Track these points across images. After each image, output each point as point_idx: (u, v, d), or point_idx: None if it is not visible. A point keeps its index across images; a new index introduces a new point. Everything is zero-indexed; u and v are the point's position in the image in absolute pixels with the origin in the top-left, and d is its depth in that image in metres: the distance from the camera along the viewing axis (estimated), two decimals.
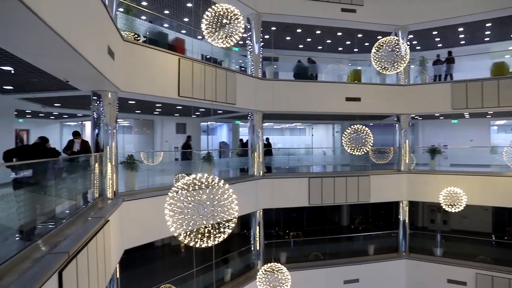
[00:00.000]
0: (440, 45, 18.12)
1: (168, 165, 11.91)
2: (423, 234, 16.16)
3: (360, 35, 16.42)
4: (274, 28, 15.50)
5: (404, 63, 7.25)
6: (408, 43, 12.88)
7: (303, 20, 14.05)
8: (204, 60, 10.54)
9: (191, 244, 4.37)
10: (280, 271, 8.21)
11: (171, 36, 10.96)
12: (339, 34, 16.45)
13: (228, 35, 5.71)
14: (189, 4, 12.39)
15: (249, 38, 12.89)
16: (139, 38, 9.13)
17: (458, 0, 13.57)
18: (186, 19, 13.46)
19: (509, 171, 12.83)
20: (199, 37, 11.49)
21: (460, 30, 16.08)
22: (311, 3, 13.16)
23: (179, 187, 4.29)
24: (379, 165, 14.30)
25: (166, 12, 12.98)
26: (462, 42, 17.86)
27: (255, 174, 12.79)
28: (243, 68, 13.66)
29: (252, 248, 13.00)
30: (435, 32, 16.37)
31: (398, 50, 7.12)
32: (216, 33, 5.68)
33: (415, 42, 17.70)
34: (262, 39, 13.33)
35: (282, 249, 13.83)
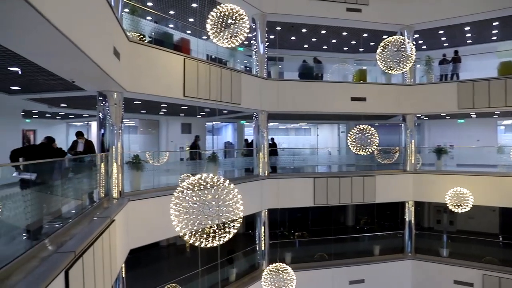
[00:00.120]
0: (446, 44, 17.99)
1: (174, 165, 11.94)
2: (429, 235, 16.05)
3: (365, 35, 16.36)
4: (279, 28, 15.49)
5: (410, 62, 7.20)
6: (414, 42, 12.82)
7: (308, 20, 14.02)
8: (209, 60, 10.56)
9: (196, 244, 4.37)
10: (285, 271, 8.20)
11: (176, 36, 10.98)
12: (344, 33, 16.40)
13: (233, 35, 5.70)
14: (194, 5, 12.41)
15: (254, 38, 12.88)
16: (144, 39, 9.16)
17: None
18: (191, 20, 13.49)
19: None
20: (204, 37, 11.52)
21: (466, 29, 15.95)
22: (316, 3, 13.13)
23: (184, 187, 4.29)
24: (384, 165, 14.24)
25: (171, 12, 13.01)
26: (469, 41, 17.71)
27: (260, 174, 12.79)
28: (248, 68, 13.66)
29: (257, 248, 13.00)
30: (441, 31, 16.25)
31: (403, 49, 7.08)
32: (221, 33, 5.68)
33: (421, 42, 17.60)
34: (267, 39, 13.32)
35: (287, 249, 13.81)
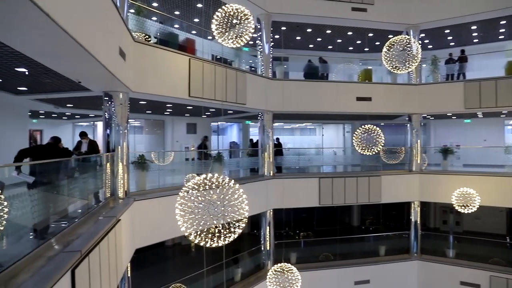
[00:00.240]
0: (452, 43, 17.87)
1: (179, 165, 11.97)
2: (435, 235, 15.95)
3: (370, 34, 16.29)
4: (284, 28, 15.48)
5: (416, 62, 7.16)
6: (419, 41, 12.72)
7: (313, 20, 13.98)
8: (215, 61, 10.58)
9: (201, 243, 4.38)
10: (290, 272, 8.19)
11: (181, 36, 11.01)
12: (350, 33, 16.34)
13: (238, 35, 5.70)
14: (199, 5, 12.44)
15: (259, 38, 12.88)
16: (149, 39, 9.19)
17: None
18: (197, 20, 13.52)
19: None
20: (209, 37, 11.54)
21: (473, 28, 15.82)
22: (321, 2, 13.10)
23: (189, 187, 4.30)
24: (390, 165, 14.15)
25: (177, 13, 13.06)
26: (476, 41, 17.56)
27: (266, 174, 12.79)
28: (253, 68, 13.66)
29: (262, 248, 13.00)
30: (447, 31, 16.14)
31: (409, 49, 7.04)
32: (226, 33, 5.68)
33: (427, 41, 17.49)
34: (272, 39, 13.31)
35: (292, 249, 13.78)
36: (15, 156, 6.11)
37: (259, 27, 12.73)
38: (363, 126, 8.73)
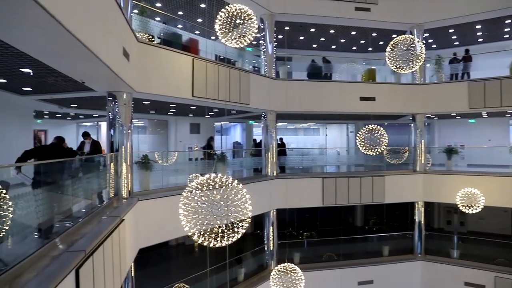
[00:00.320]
0: (457, 43, 17.77)
1: (182, 165, 11.99)
2: (439, 236, 15.87)
3: (374, 34, 16.24)
4: (287, 28, 15.46)
5: (420, 62, 7.13)
6: (423, 41, 12.69)
7: (316, 20, 13.95)
8: (218, 61, 10.58)
9: (205, 243, 4.38)
10: (294, 272, 8.19)
11: (185, 37, 11.03)
12: (353, 33, 16.30)
13: (242, 36, 5.71)
14: (202, 5, 12.45)
15: (262, 38, 12.88)
16: (153, 39, 9.21)
17: None
18: (200, 20, 13.54)
19: None
20: (213, 37, 11.54)
21: (477, 27, 15.74)
22: (325, 2, 13.07)
23: (193, 187, 4.31)
24: (394, 165, 14.10)
25: (180, 13, 13.08)
26: (480, 40, 17.46)
27: (269, 174, 12.78)
28: (256, 68, 13.66)
29: (266, 248, 13.00)
30: (451, 30, 16.06)
31: (413, 48, 7.02)
32: (230, 33, 5.69)
33: (431, 41, 17.40)
34: (275, 39, 13.31)
35: (295, 249, 13.77)
36: (19, 156, 6.14)
37: (262, 27, 12.73)
38: (366, 126, 8.70)
